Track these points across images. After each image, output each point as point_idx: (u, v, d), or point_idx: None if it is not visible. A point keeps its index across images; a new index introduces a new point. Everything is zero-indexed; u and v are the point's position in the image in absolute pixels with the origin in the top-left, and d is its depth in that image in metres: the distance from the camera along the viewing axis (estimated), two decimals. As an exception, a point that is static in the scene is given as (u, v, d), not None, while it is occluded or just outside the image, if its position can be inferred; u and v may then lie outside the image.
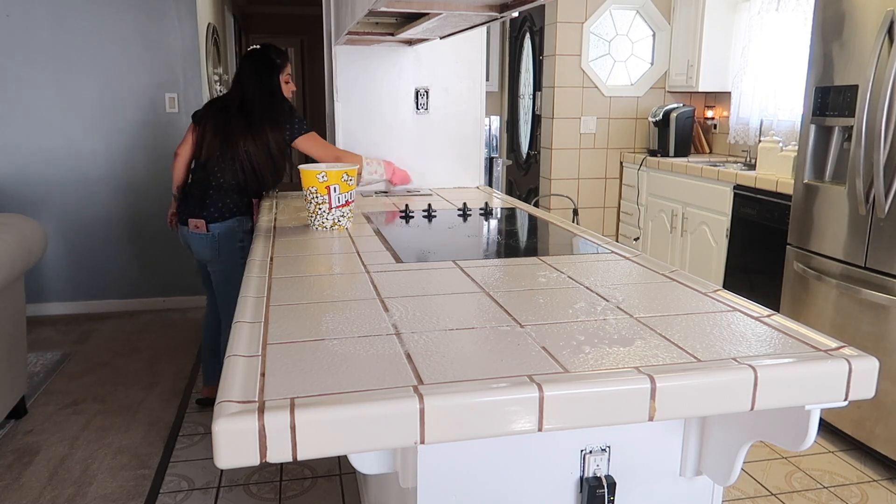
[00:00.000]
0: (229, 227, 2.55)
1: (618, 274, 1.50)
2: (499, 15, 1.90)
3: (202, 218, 2.54)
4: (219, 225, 2.54)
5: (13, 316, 2.67)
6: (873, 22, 2.40)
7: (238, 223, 2.57)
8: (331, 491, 2.36)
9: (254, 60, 2.58)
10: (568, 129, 4.73)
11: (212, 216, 2.54)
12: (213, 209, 2.54)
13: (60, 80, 3.97)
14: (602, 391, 0.91)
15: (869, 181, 2.42)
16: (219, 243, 2.56)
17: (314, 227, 2.04)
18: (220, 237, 2.55)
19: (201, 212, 2.55)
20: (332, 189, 2.01)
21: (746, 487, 2.35)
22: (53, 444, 2.65)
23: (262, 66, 2.57)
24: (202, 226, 2.54)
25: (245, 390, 0.88)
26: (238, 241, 2.58)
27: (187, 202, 2.62)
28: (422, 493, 1.09)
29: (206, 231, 2.54)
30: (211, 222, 2.54)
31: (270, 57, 2.58)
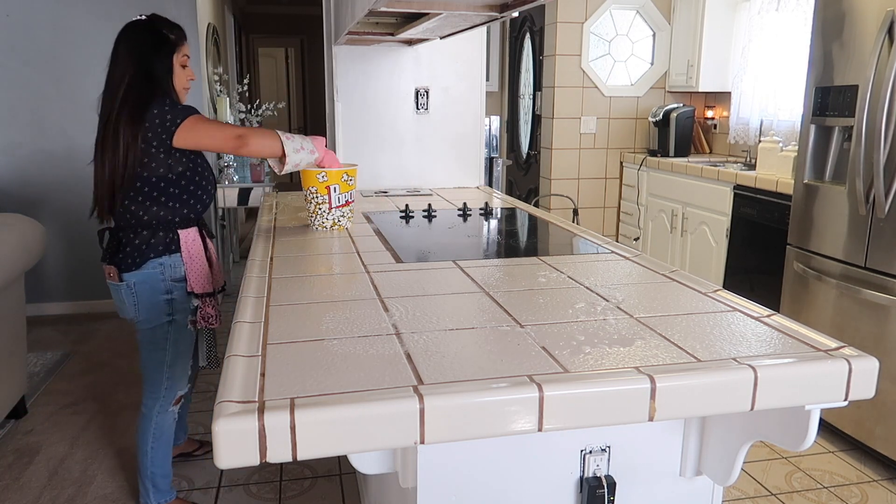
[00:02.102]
0: (148, 275, 1.90)
1: (618, 274, 1.50)
2: (499, 15, 1.90)
3: (113, 264, 1.92)
4: (133, 274, 1.90)
5: (13, 316, 2.67)
6: (873, 22, 2.40)
7: (160, 270, 1.91)
8: (331, 491, 2.36)
9: (131, 35, 1.87)
10: (568, 129, 4.73)
11: (124, 262, 1.90)
12: (123, 253, 1.91)
13: (60, 80, 3.97)
14: (602, 391, 0.91)
15: (869, 181, 2.42)
16: (137, 296, 1.92)
17: (314, 227, 2.04)
18: (137, 288, 1.91)
19: (113, 256, 1.93)
20: (332, 189, 2.00)
21: (746, 487, 2.35)
22: (53, 444, 2.65)
23: (142, 42, 1.86)
24: (114, 274, 1.92)
25: (245, 390, 0.88)
26: (163, 293, 1.93)
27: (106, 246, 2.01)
28: (422, 493, 1.09)
29: (119, 281, 1.92)
30: (124, 270, 1.90)
31: (156, 29, 1.88)
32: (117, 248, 1.93)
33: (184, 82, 1.95)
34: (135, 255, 1.89)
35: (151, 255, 1.90)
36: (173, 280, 1.94)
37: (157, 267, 1.91)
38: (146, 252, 1.89)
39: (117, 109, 1.81)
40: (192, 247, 1.96)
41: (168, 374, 2.03)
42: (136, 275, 1.90)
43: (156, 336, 1.98)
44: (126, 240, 1.91)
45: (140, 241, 1.89)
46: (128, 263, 1.90)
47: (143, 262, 1.89)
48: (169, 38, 1.88)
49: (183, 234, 1.93)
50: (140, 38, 1.86)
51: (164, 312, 1.96)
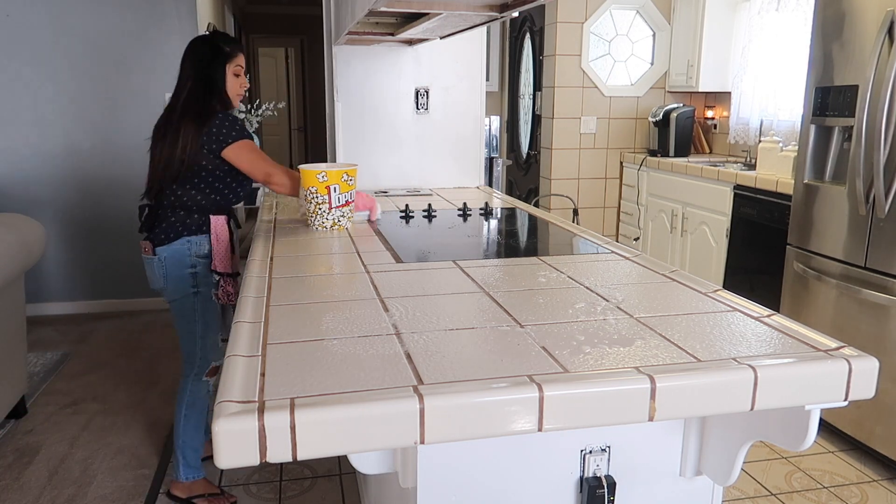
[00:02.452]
0: (176, 250, 2.13)
1: (618, 274, 1.50)
2: (499, 15, 1.90)
3: (148, 240, 2.17)
4: (164, 248, 2.13)
5: (13, 316, 2.67)
6: (873, 22, 2.40)
7: (188, 246, 2.14)
8: (331, 491, 2.36)
9: (194, 48, 2.16)
10: (568, 129, 4.73)
11: (158, 238, 2.14)
12: (158, 230, 2.15)
13: (60, 80, 3.97)
14: (602, 391, 0.91)
15: (869, 181, 2.42)
16: (166, 269, 2.15)
17: (314, 227, 2.04)
18: (167, 262, 2.14)
19: (149, 233, 2.18)
20: (332, 189, 2.00)
21: (746, 487, 2.35)
22: (53, 444, 2.65)
23: (202, 53, 2.14)
24: (149, 248, 2.16)
25: (245, 390, 0.88)
26: (188, 266, 2.16)
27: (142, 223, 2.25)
28: (422, 493, 1.09)
29: (153, 255, 2.16)
30: (157, 245, 2.14)
31: (215, 43, 2.16)
32: (153, 225, 2.16)
33: (237, 89, 2.19)
34: (168, 231, 2.12)
35: (184, 234, 2.12)
36: (198, 256, 2.15)
37: (185, 244, 2.12)
38: (180, 230, 2.12)
39: (180, 110, 2.07)
40: (220, 231, 2.16)
41: (200, 343, 2.19)
42: (167, 249, 2.12)
43: (185, 308, 2.16)
44: (163, 217, 2.14)
45: (176, 220, 2.12)
46: (160, 239, 2.12)
47: (176, 239, 2.12)
48: (224, 50, 2.14)
49: (214, 219, 2.15)
50: (199, 50, 2.14)
51: (189, 285, 2.15)
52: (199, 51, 2.14)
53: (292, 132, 9.45)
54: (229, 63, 2.16)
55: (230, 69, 2.16)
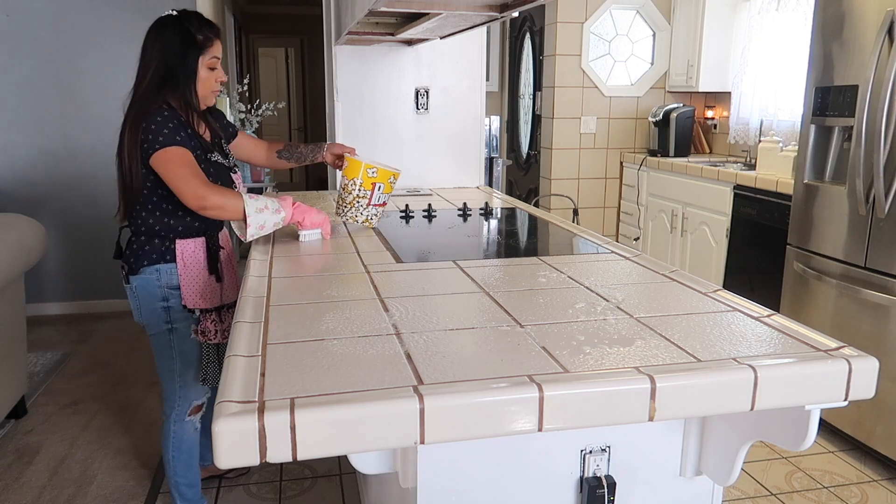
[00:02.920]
0: (145, 280, 1.85)
1: (618, 274, 1.50)
2: (499, 15, 1.90)
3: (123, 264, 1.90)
4: (135, 277, 1.85)
5: (13, 316, 2.67)
6: (873, 22, 2.40)
7: (156, 277, 1.84)
8: (331, 491, 2.36)
9: (156, 31, 1.78)
10: (568, 129, 4.73)
11: (128, 262, 1.86)
12: (128, 252, 1.87)
13: (60, 80, 3.97)
14: (602, 391, 0.91)
15: (869, 181, 2.42)
16: (139, 300, 1.88)
17: (344, 219, 2.02)
18: (138, 291, 1.87)
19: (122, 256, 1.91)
20: (376, 186, 1.97)
21: (746, 487, 2.35)
22: (53, 444, 2.65)
23: (165, 39, 1.76)
24: (124, 275, 1.89)
25: (245, 390, 0.88)
26: (159, 299, 1.86)
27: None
28: (422, 493, 1.09)
29: (126, 283, 1.89)
30: (129, 273, 1.86)
31: (186, 28, 1.76)
32: (122, 249, 1.91)
33: (211, 85, 1.83)
34: (131, 259, 1.85)
35: (145, 262, 1.83)
36: (169, 287, 1.86)
37: (153, 273, 1.84)
38: (141, 258, 1.84)
39: (127, 110, 1.76)
40: (190, 258, 1.85)
41: (180, 382, 1.97)
42: (137, 278, 1.86)
43: (160, 343, 1.93)
44: (128, 242, 1.89)
45: (137, 247, 1.85)
46: (130, 265, 1.86)
47: (139, 268, 1.84)
48: (196, 40, 1.76)
49: (181, 244, 1.84)
50: (165, 37, 1.76)
51: (163, 320, 1.89)
52: (163, 37, 1.76)
53: (292, 132, 9.46)
54: (203, 55, 1.77)
55: (204, 62, 1.78)
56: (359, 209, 1.99)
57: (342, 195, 2.01)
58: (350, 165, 1.98)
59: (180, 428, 2.02)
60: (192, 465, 2.07)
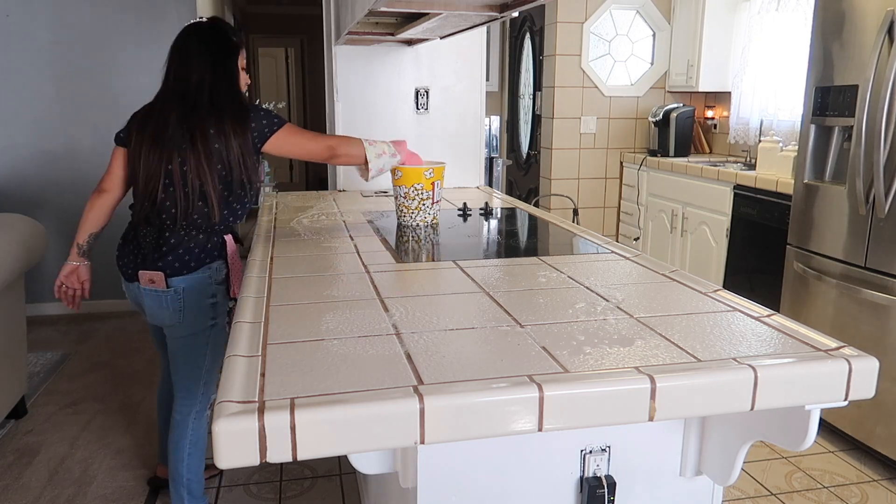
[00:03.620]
0: (198, 280, 1.86)
1: (618, 274, 1.50)
2: (499, 15, 1.90)
3: (159, 269, 1.85)
4: (183, 279, 1.85)
5: (13, 316, 2.67)
6: (873, 22, 2.40)
7: (209, 274, 1.88)
8: (331, 491, 2.36)
9: (204, 38, 1.86)
10: (568, 129, 4.73)
11: (172, 266, 1.84)
12: (172, 256, 1.84)
13: (60, 80, 3.97)
14: (602, 391, 0.91)
15: (869, 181, 2.42)
16: (183, 302, 1.87)
17: (414, 224, 2.07)
18: (185, 294, 1.86)
19: (157, 261, 1.85)
20: (436, 185, 2.05)
21: (746, 487, 2.35)
22: (53, 444, 2.65)
23: (216, 46, 1.86)
24: (160, 280, 1.84)
25: (245, 390, 0.88)
26: (209, 296, 1.90)
27: (131, 249, 1.94)
28: (422, 493, 1.09)
29: (166, 287, 1.86)
30: (172, 275, 1.84)
31: (227, 35, 1.89)
32: (159, 251, 1.84)
33: (243, 85, 1.95)
34: (187, 257, 1.84)
35: (207, 260, 1.86)
36: (217, 283, 1.91)
37: (207, 272, 1.87)
38: (202, 257, 1.85)
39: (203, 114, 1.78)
40: (233, 252, 1.93)
41: (205, 378, 1.99)
42: (187, 279, 1.85)
43: (197, 342, 1.93)
44: (176, 241, 1.84)
45: (195, 245, 1.84)
46: (176, 267, 1.84)
47: (198, 267, 1.85)
48: (234, 42, 1.90)
49: (228, 239, 1.92)
50: (211, 41, 1.86)
51: (209, 317, 1.92)
52: (209, 41, 1.85)
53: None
54: (239, 56, 1.92)
55: (240, 62, 1.92)
56: (426, 211, 2.06)
57: (405, 202, 2.05)
58: (405, 173, 2.02)
59: (199, 425, 2.04)
60: (202, 459, 2.10)
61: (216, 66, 1.83)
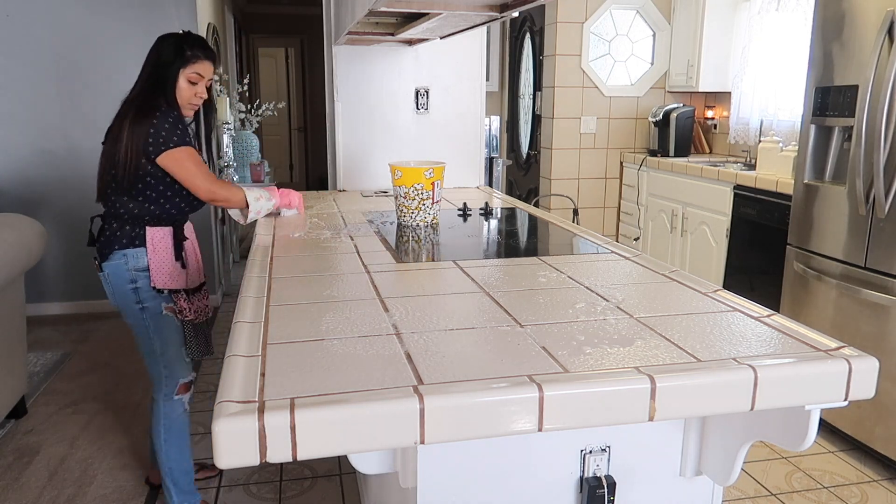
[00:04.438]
0: (115, 266, 1.99)
1: (618, 274, 1.50)
2: (499, 15, 1.90)
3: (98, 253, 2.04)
4: (106, 263, 1.99)
5: (13, 316, 2.67)
6: (873, 22, 2.40)
7: (123, 259, 1.98)
8: (331, 491, 2.36)
9: (159, 45, 2.01)
10: (568, 129, 4.73)
11: (101, 252, 2.02)
12: (102, 240, 2.02)
13: (60, 80, 3.97)
14: (602, 391, 0.91)
15: (869, 181, 2.42)
16: (111, 285, 2.02)
17: (414, 224, 2.08)
18: (110, 278, 2.01)
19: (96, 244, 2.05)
20: (436, 185, 2.06)
21: (746, 487, 2.35)
22: (53, 444, 2.65)
23: (164, 51, 1.98)
24: (96, 264, 2.04)
25: (245, 390, 0.88)
26: (129, 282, 2.00)
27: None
28: (422, 493, 1.09)
29: (99, 270, 2.03)
30: (102, 260, 2.01)
31: (180, 44, 1.98)
32: (95, 236, 2.05)
33: (189, 97, 2.00)
34: (105, 245, 2.00)
35: (115, 247, 1.98)
36: (136, 270, 2.00)
37: (122, 258, 1.98)
38: (112, 243, 1.99)
39: (127, 107, 1.96)
40: (159, 243, 2.00)
41: (163, 361, 2.07)
42: (108, 265, 2.00)
43: (137, 325, 2.04)
44: (106, 225, 2.02)
45: (110, 233, 2.00)
46: (103, 253, 2.00)
47: (110, 253, 1.98)
48: (184, 54, 1.97)
49: (150, 231, 1.99)
50: (160, 48, 1.99)
51: (133, 300, 2.01)
52: (162, 48, 1.99)
53: (292, 132, 9.46)
54: (185, 68, 1.97)
55: (185, 73, 1.97)
56: (426, 210, 2.07)
57: (405, 202, 2.07)
58: (405, 174, 2.03)
59: (170, 407, 2.10)
60: (184, 449, 2.13)
61: (153, 71, 1.98)
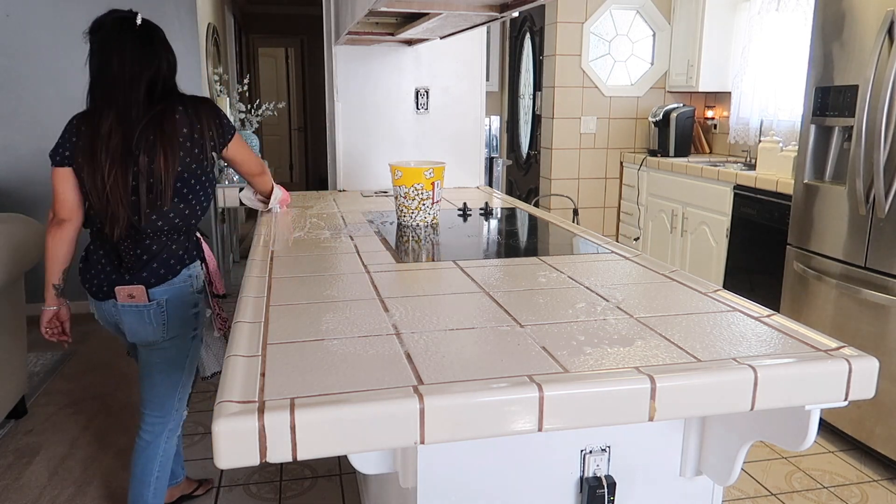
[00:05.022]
0: (179, 289, 1.71)
1: (618, 274, 1.50)
2: (499, 15, 1.90)
3: (139, 282, 1.68)
4: (164, 288, 1.69)
5: (13, 316, 2.67)
6: (873, 22, 2.40)
7: (190, 278, 1.73)
8: (331, 491, 2.36)
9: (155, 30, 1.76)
10: (568, 129, 4.73)
11: (153, 275, 1.68)
12: (154, 265, 1.68)
13: (60, 80, 3.97)
14: (602, 391, 0.91)
15: (869, 181, 2.42)
16: (167, 315, 1.72)
17: (414, 224, 2.07)
18: (168, 306, 1.71)
19: (137, 273, 1.68)
20: (436, 185, 2.05)
21: (746, 487, 2.35)
22: (53, 444, 2.65)
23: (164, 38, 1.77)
24: (140, 294, 1.67)
25: (245, 390, 0.88)
26: (192, 306, 1.76)
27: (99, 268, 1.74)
28: (422, 493, 1.09)
29: (148, 300, 1.69)
30: (153, 286, 1.69)
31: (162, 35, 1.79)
32: (140, 262, 1.69)
33: None
34: (165, 266, 1.69)
35: (178, 267, 1.70)
36: (198, 292, 1.78)
37: (188, 279, 1.73)
38: (174, 264, 1.69)
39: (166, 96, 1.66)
40: (207, 248, 1.87)
41: (180, 394, 1.90)
42: (167, 289, 1.70)
43: (178, 356, 1.81)
44: (151, 249, 1.68)
45: (170, 251, 1.69)
46: (156, 278, 1.68)
47: (177, 275, 1.71)
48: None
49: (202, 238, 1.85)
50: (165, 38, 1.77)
51: (192, 328, 1.79)
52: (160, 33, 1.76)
53: (292, 132, 9.46)
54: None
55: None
56: (426, 210, 2.07)
57: (405, 202, 2.06)
58: (405, 174, 2.03)
59: (170, 445, 1.93)
60: (167, 484, 1.98)
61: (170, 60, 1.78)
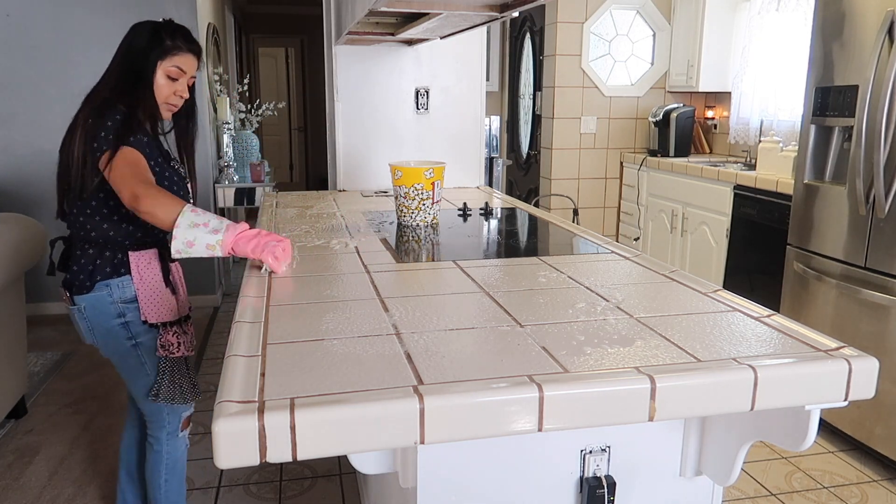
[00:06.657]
0: (96, 299, 1.69)
1: (618, 274, 1.50)
2: (499, 15, 1.90)
3: (63, 285, 1.74)
4: (83, 297, 1.70)
5: (13, 316, 2.67)
6: (873, 22, 2.40)
7: (107, 291, 1.69)
8: (331, 491, 2.36)
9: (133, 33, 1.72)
10: (568, 129, 4.73)
11: (73, 283, 1.71)
12: (75, 268, 1.71)
13: (60, 80, 3.97)
14: (602, 391, 0.91)
15: (869, 181, 2.42)
16: (89, 322, 1.73)
17: (414, 224, 2.07)
18: (88, 313, 1.72)
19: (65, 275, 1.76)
20: (436, 185, 2.05)
21: (746, 487, 2.35)
22: (53, 444, 2.65)
23: (138, 40, 1.69)
24: (66, 296, 1.74)
25: (245, 390, 0.88)
26: (115, 316, 1.71)
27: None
28: (422, 493, 1.09)
29: (72, 304, 1.73)
30: (75, 293, 1.71)
31: (159, 32, 1.69)
32: (66, 266, 1.75)
33: (167, 96, 1.71)
34: (80, 276, 1.69)
35: (98, 278, 1.68)
36: (123, 302, 1.71)
37: (104, 289, 1.69)
38: (92, 274, 1.68)
39: (82, 106, 1.67)
40: (146, 271, 1.72)
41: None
42: (85, 298, 1.70)
43: (128, 363, 1.78)
44: (74, 257, 1.72)
45: (86, 261, 1.69)
46: (77, 285, 1.70)
47: (89, 285, 1.69)
48: (163, 43, 1.68)
49: (134, 256, 1.70)
50: (134, 37, 1.70)
51: (124, 337, 1.74)
52: (135, 36, 1.69)
53: (292, 132, 9.46)
54: (163, 60, 1.68)
55: (162, 67, 1.68)
56: (426, 211, 2.07)
57: (405, 202, 2.06)
58: (405, 174, 2.03)
59: (173, 446, 1.90)
60: (182, 485, 1.95)
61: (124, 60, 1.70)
